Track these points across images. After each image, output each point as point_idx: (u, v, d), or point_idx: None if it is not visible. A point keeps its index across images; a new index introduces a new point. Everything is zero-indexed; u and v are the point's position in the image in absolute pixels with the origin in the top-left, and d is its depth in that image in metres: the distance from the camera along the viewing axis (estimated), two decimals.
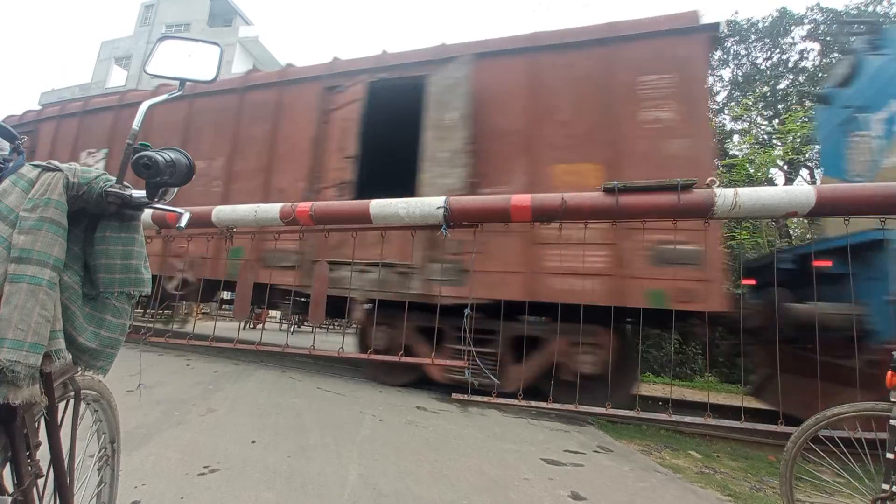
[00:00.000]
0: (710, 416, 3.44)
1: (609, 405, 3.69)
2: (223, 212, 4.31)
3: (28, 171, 0.78)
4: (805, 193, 2.92)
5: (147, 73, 1.09)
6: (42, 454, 0.83)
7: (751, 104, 13.05)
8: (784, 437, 2.00)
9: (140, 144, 0.84)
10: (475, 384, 4.18)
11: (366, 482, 2.15)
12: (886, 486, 1.61)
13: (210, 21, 25.49)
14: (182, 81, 1.03)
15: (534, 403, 3.97)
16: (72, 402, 0.95)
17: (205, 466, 2.15)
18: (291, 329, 10.76)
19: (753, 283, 5.22)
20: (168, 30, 24.71)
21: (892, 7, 12.83)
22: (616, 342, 4.18)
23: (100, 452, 1.17)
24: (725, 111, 13.95)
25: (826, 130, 5.61)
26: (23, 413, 0.76)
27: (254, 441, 2.57)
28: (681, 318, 4.06)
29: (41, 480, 0.83)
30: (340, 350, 4.33)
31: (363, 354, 4.53)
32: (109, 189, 0.82)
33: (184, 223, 0.94)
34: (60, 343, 0.75)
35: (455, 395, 4.26)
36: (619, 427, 3.85)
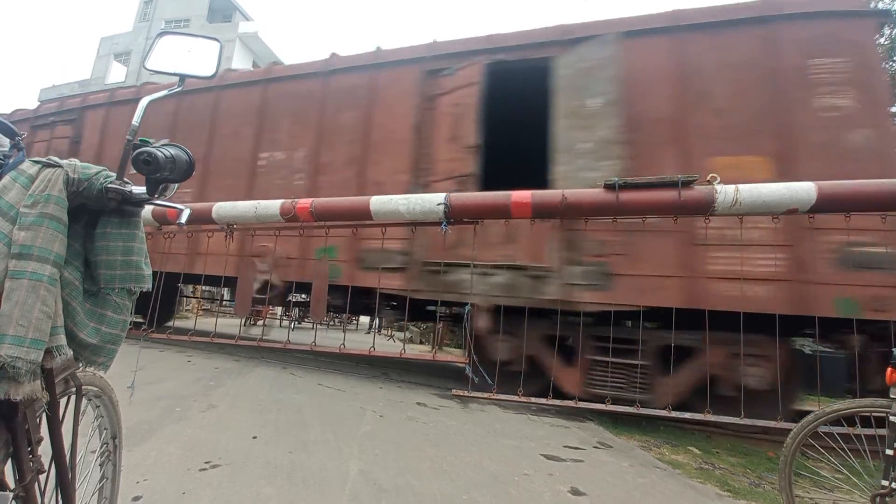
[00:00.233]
0: (710, 413, 3.45)
1: (608, 401, 3.69)
2: (223, 208, 4.30)
3: (28, 168, 0.78)
4: (806, 190, 2.91)
5: (146, 69, 1.08)
6: (44, 450, 0.84)
7: None
8: (783, 434, 2.01)
9: (140, 140, 0.84)
10: (475, 380, 4.19)
11: (366, 477, 2.16)
12: (886, 483, 1.62)
13: (209, 17, 25.38)
14: (182, 77, 1.03)
15: (534, 399, 3.98)
16: (73, 398, 0.95)
17: (206, 462, 2.16)
18: (292, 325, 10.79)
19: None
20: (167, 26, 24.62)
21: None
22: (783, 354, 3.70)
23: (101, 448, 1.17)
24: None
25: None
26: (24, 409, 0.76)
27: (255, 437, 2.58)
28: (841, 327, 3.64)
29: (43, 476, 0.84)
30: (342, 346, 4.34)
31: (365, 351, 4.54)
32: (110, 185, 0.82)
33: (184, 219, 0.94)
34: (61, 339, 0.75)
35: (455, 392, 4.27)
36: (619, 423, 3.87)
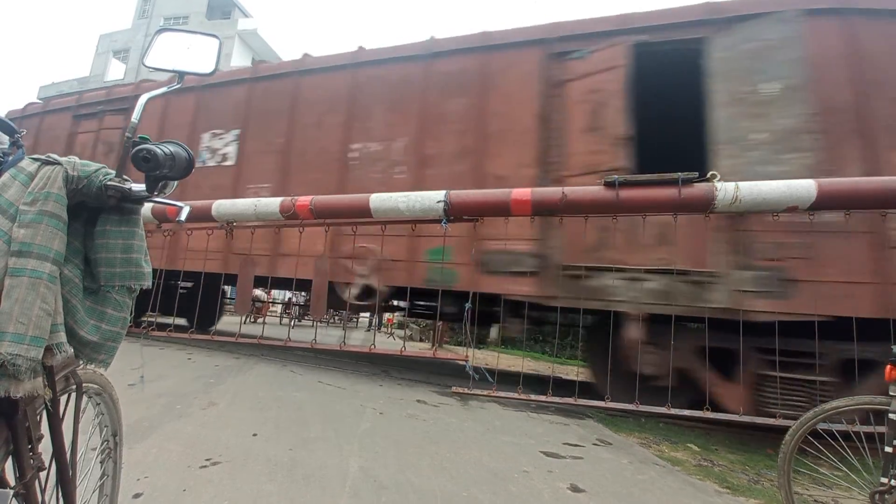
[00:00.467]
0: (709, 410, 3.46)
1: (608, 398, 3.71)
2: (223, 206, 4.31)
3: (27, 165, 0.78)
4: (806, 187, 2.92)
5: (145, 66, 1.08)
6: (44, 447, 0.84)
7: None
8: (782, 431, 2.01)
9: (140, 137, 0.83)
10: (476, 377, 4.20)
11: (367, 474, 2.16)
12: (885, 480, 1.63)
13: (208, 14, 25.30)
14: (181, 74, 1.03)
15: (533, 397, 3.99)
16: (74, 396, 0.95)
17: (207, 459, 2.16)
18: (292, 323, 10.81)
19: None
20: (166, 23, 24.53)
21: None
22: None
23: (102, 445, 1.18)
24: None
25: None
26: (24, 406, 0.76)
27: (255, 434, 2.58)
28: None
29: (43, 473, 0.84)
30: (342, 344, 4.35)
31: (365, 348, 4.54)
32: (109, 182, 0.82)
33: (184, 217, 0.94)
34: (62, 336, 0.75)
35: (455, 389, 4.28)
36: (619, 420, 3.87)
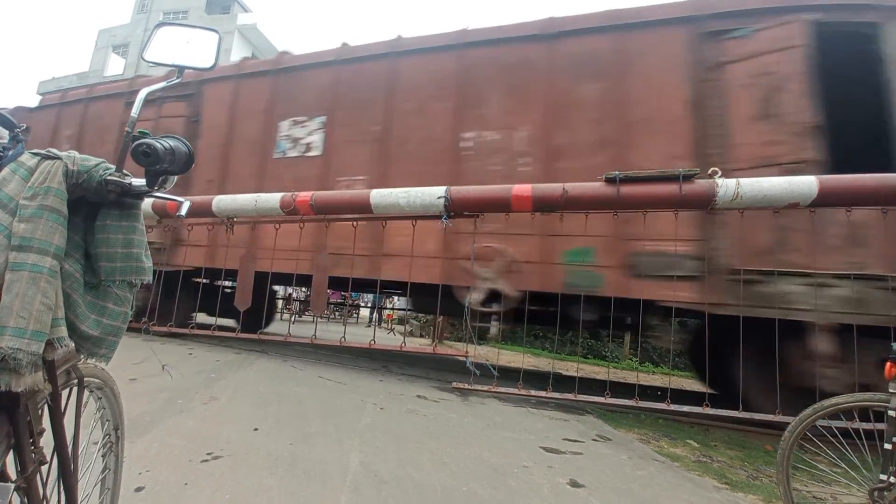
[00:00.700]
0: (709, 406, 3.47)
1: (608, 394, 3.72)
2: (223, 201, 4.31)
3: (27, 160, 0.78)
4: (807, 184, 2.91)
5: (145, 61, 1.08)
6: (46, 441, 0.84)
7: None
8: (782, 427, 2.01)
9: (139, 132, 0.83)
10: (477, 373, 4.21)
11: (367, 469, 2.17)
12: (884, 477, 1.63)
13: (208, 8, 25.19)
14: (180, 69, 1.02)
15: (533, 393, 4.00)
16: (75, 390, 0.96)
17: (208, 453, 2.17)
18: (293, 318, 10.83)
19: None
20: (166, 17, 24.43)
21: None
22: None
23: (104, 439, 1.18)
24: None
25: None
26: (26, 400, 0.76)
27: (256, 428, 2.59)
28: None
29: (45, 467, 0.84)
30: (342, 339, 4.36)
31: (365, 344, 4.55)
32: (109, 177, 0.82)
33: (184, 212, 0.94)
34: (63, 331, 0.75)
35: (455, 384, 4.29)
36: (618, 416, 3.88)
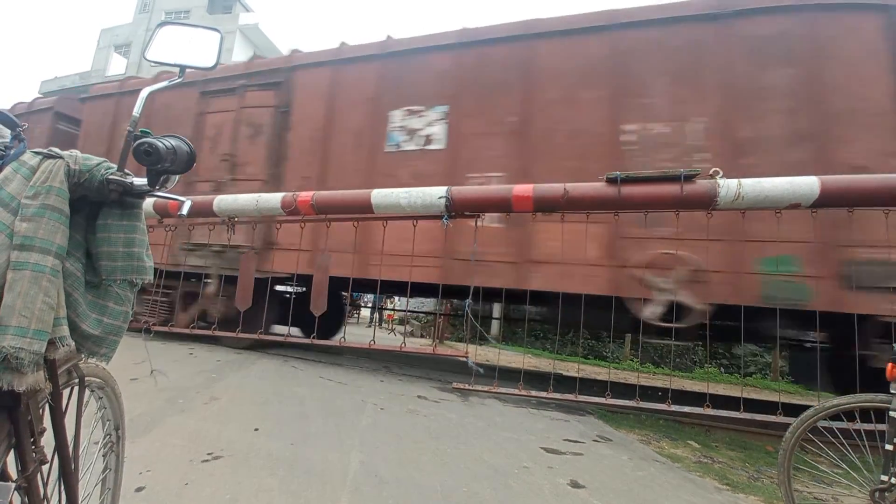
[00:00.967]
0: (709, 407, 3.46)
1: (609, 395, 3.71)
2: (225, 201, 4.31)
3: (29, 159, 0.78)
4: (809, 184, 2.90)
5: (147, 60, 1.08)
6: (47, 441, 0.84)
7: None
8: (783, 428, 2.01)
9: (141, 131, 0.83)
10: (481, 372, 4.20)
11: (368, 469, 2.17)
12: (885, 478, 1.63)
13: (209, 8, 25.20)
14: (182, 68, 1.02)
15: (534, 393, 3.99)
16: (76, 389, 0.96)
17: (208, 453, 2.17)
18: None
19: None
20: (167, 17, 24.46)
21: None
22: None
23: (105, 439, 1.18)
24: None
25: None
26: (27, 399, 0.76)
27: (257, 429, 2.59)
28: None
29: (46, 466, 0.84)
30: (342, 339, 4.35)
31: (365, 345, 4.55)
32: (111, 176, 0.82)
33: (185, 211, 0.94)
34: (64, 330, 0.75)
35: (456, 385, 4.29)
36: (619, 417, 3.88)
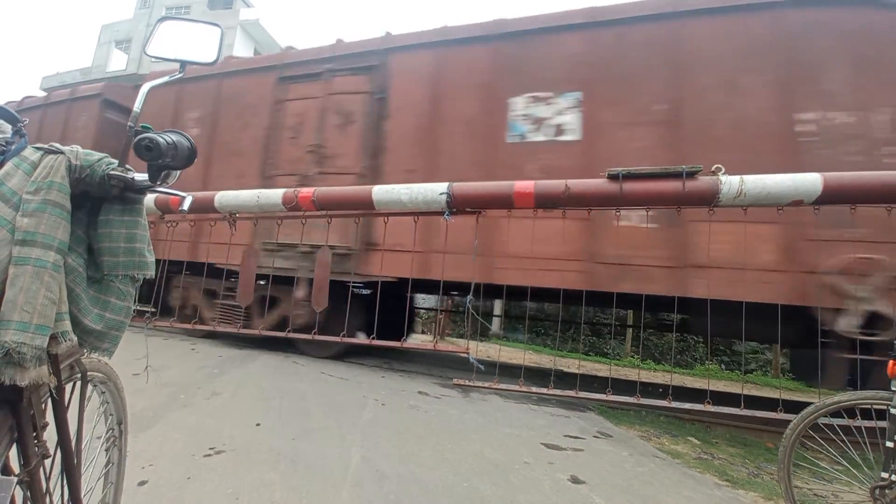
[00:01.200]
0: (710, 403, 3.47)
1: (609, 391, 3.72)
2: (226, 197, 4.31)
3: (30, 154, 0.78)
4: (812, 181, 2.89)
5: (147, 55, 1.07)
6: (49, 435, 0.84)
7: None
8: (783, 425, 2.01)
9: (141, 126, 0.83)
10: (482, 368, 4.21)
11: (369, 464, 2.18)
12: (885, 475, 1.63)
13: (210, 3, 25.11)
14: (182, 63, 1.02)
15: (535, 389, 4.00)
16: (79, 384, 0.96)
17: (210, 448, 2.18)
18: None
19: None
20: (168, 12, 24.33)
21: None
22: None
23: (107, 434, 1.19)
24: None
25: None
26: (29, 394, 0.76)
27: (258, 424, 2.60)
28: None
29: (48, 461, 0.84)
30: (342, 335, 4.36)
31: (366, 341, 4.55)
32: (112, 172, 0.82)
33: (186, 206, 0.94)
34: (66, 325, 0.75)
35: (457, 381, 4.30)
36: (620, 413, 3.89)
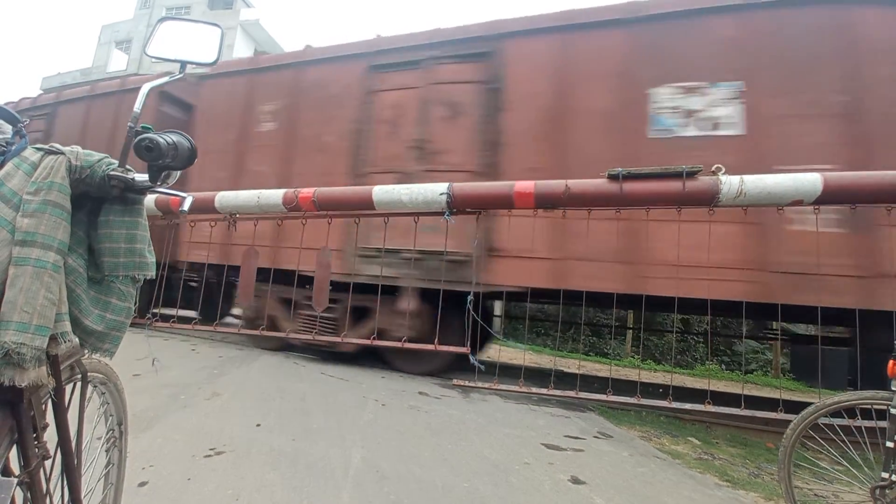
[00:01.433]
0: (710, 404, 3.46)
1: (610, 392, 3.72)
2: (226, 197, 4.31)
3: (31, 155, 0.78)
4: (811, 181, 2.89)
5: (147, 56, 1.08)
6: (49, 436, 0.84)
7: None
8: (783, 425, 2.01)
9: (142, 127, 0.83)
10: (482, 369, 4.20)
11: (369, 465, 2.18)
12: (885, 475, 1.63)
13: (210, 3, 25.13)
14: (183, 64, 1.02)
15: (535, 390, 4.00)
16: (79, 385, 0.96)
17: (211, 449, 2.18)
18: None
19: None
20: (168, 13, 24.35)
21: None
22: None
23: (107, 434, 1.19)
24: None
25: None
26: (29, 395, 0.76)
27: (259, 424, 2.60)
28: None
29: (48, 462, 0.84)
30: (343, 336, 4.36)
31: (366, 340, 4.55)
32: (112, 172, 0.82)
33: (186, 207, 0.94)
34: (66, 325, 0.75)
35: (457, 381, 4.30)
36: (620, 413, 3.88)
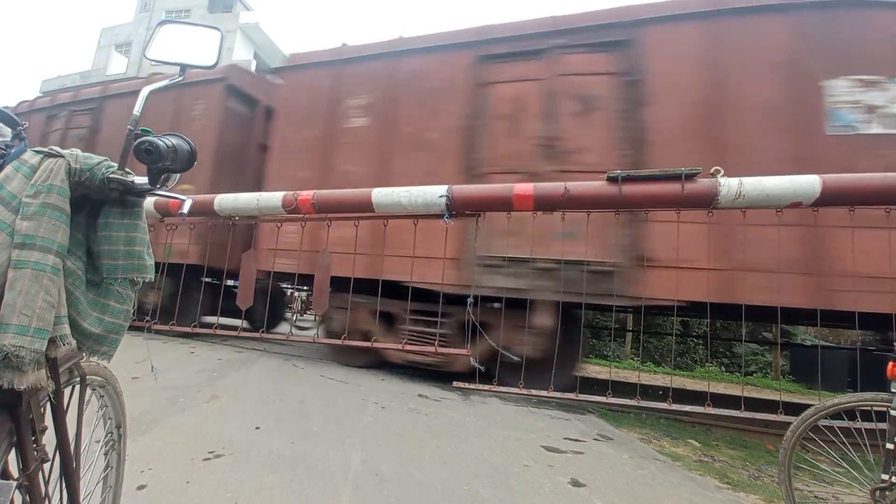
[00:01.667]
0: (710, 406, 3.46)
1: (609, 394, 3.71)
2: (225, 200, 4.31)
3: (30, 157, 0.78)
4: (810, 183, 2.90)
5: (147, 59, 1.08)
6: (48, 439, 0.84)
7: None
8: (783, 427, 2.01)
9: (141, 130, 0.83)
10: (482, 370, 4.19)
11: (368, 468, 2.17)
12: (885, 476, 1.63)
13: (210, 7, 25.20)
14: (182, 67, 1.02)
15: (535, 392, 3.99)
16: (78, 388, 0.96)
17: (210, 452, 2.18)
18: (294, 318, 10.82)
19: None
20: (168, 16, 24.44)
21: None
22: None
23: (106, 437, 1.18)
24: None
25: None
26: (28, 398, 0.76)
27: (258, 427, 2.60)
28: None
29: (47, 465, 0.84)
30: (343, 338, 4.36)
31: (366, 343, 4.54)
32: (111, 175, 0.82)
33: (186, 210, 0.94)
34: (65, 328, 0.75)
35: (456, 384, 4.28)
36: (620, 416, 3.88)
